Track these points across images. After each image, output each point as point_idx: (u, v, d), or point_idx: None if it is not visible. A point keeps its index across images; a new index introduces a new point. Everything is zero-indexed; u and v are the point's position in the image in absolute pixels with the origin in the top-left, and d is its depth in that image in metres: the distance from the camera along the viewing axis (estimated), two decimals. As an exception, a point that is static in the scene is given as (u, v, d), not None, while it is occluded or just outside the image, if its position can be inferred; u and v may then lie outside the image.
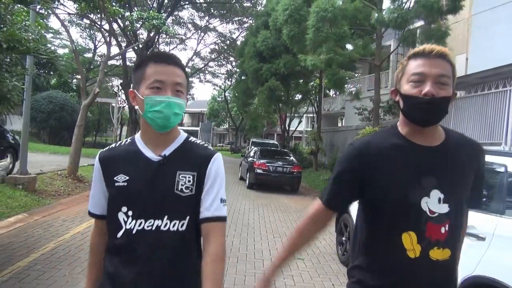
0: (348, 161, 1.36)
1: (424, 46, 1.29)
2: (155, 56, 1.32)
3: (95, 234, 1.41)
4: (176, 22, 31.77)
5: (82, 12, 11.04)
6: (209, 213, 1.28)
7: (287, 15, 11.43)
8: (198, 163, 1.31)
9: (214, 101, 52.17)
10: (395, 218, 1.28)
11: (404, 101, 1.29)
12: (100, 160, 1.35)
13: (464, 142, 1.37)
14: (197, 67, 38.66)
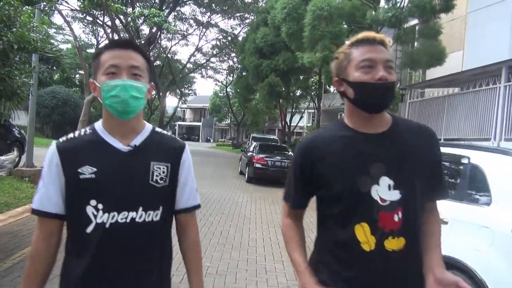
0: (299, 158, 1.36)
1: (365, 34, 1.29)
2: (110, 43, 1.30)
3: (41, 237, 1.26)
4: (178, 17, 31.97)
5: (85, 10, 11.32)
6: (188, 204, 1.34)
7: (286, 14, 11.70)
8: (171, 154, 1.31)
9: (216, 97, 52.38)
10: (346, 209, 1.26)
11: (356, 89, 1.26)
12: (58, 151, 1.24)
13: (413, 128, 1.35)
14: (199, 62, 38.86)
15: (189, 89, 45.19)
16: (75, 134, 1.30)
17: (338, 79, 1.32)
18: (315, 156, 1.31)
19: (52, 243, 1.26)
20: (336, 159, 1.28)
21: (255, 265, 4.51)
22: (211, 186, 10.89)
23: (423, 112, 11.62)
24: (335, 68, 1.34)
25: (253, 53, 18.15)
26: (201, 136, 64.12)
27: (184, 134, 66.89)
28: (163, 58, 32.95)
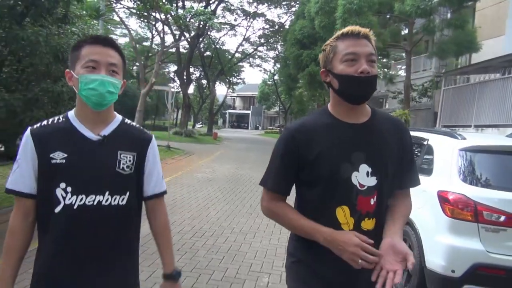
0: (284, 144, 1.40)
1: (350, 28, 1.34)
2: (90, 38, 1.37)
3: (17, 215, 1.34)
4: (226, 8, 33.09)
5: (140, 12, 12.77)
6: (155, 191, 1.45)
7: (318, 7, 12.34)
8: (137, 144, 1.41)
9: (264, 85, 53.24)
10: (329, 194, 1.33)
11: (340, 80, 1.32)
12: (32, 136, 1.33)
13: (388, 120, 1.45)
14: (246, 52, 39.87)
15: (238, 78, 46.45)
16: (49, 121, 1.38)
17: (324, 70, 1.38)
18: (301, 142, 1.35)
19: (29, 221, 1.34)
20: (321, 146, 1.34)
21: (273, 228, 5.51)
22: (250, 170, 11.96)
23: (456, 99, 11.83)
24: (322, 60, 1.41)
25: (294, 43, 18.85)
26: (250, 123, 65.54)
27: (234, 122, 68.79)
28: (212, 49, 34.34)
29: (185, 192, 7.87)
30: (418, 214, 3.39)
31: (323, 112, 1.43)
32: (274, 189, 1.43)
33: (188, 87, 29.79)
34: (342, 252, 1.25)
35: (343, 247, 1.25)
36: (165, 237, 1.50)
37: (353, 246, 1.23)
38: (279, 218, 1.44)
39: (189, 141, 22.68)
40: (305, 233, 1.36)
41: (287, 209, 1.42)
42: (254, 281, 3.66)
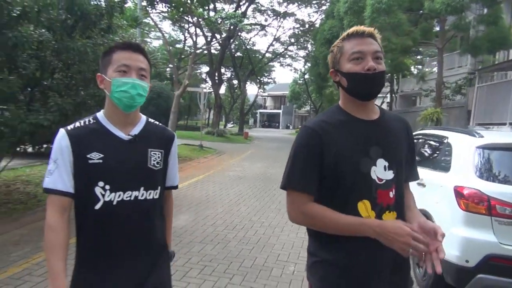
0: (307, 140, 1.40)
1: (355, 28, 1.39)
2: (121, 44, 1.45)
3: (55, 212, 1.38)
4: (257, 9, 33.47)
5: (173, 17, 13.35)
6: (174, 183, 1.62)
7: (347, 7, 12.42)
8: (164, 142, 1.54)
9: (295, 84, 53.23)
10: (350, 189, 1.35)
11: (348, 78, 1.37)
12: (69, 137, 1.39)
13: (395, 118, 1.52)
14: (277, 52, 40.10)
15: (269, 78, 46.76)
16: (81, 123, 1.45)
17: (333, 70, 1.44)
18: (321, 139, 1.37)
19: (65, 217, 1.38)
20: (341, 143, 1.36)
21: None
22: (280, 168, 12.23)
23: (491, 96, 11.57)
24: (330, 61, 1.46)
25: (323, 43, 18.93)
26: (281, 123, 65.64)
27: (265, 121, 69.11)
28: (243, 49, 34.84)
29: (217, 189, 8.27)
30: (436, 208, 3.58)
31: (337, 110, 1.46)
32: (304, 189, 1.39)
33: (219, 87, 30.40)
34: (393, 242, 1.25)
35: (393, 237, 1.25)
36: (170, 222, 1.69)
37: (404, 236, 1.23)
38: (316, 220, 1.38)
39: (221, 140, 23.22)
40: (350, 230, 1.33)
41: (324, 208, 1.37)
42: (281, 269, 3.96)
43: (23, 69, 4.93)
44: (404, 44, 11.15)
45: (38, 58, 5.17)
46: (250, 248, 4.57)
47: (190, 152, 14.72)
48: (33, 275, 3.46)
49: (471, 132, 3.78)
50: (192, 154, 14.23)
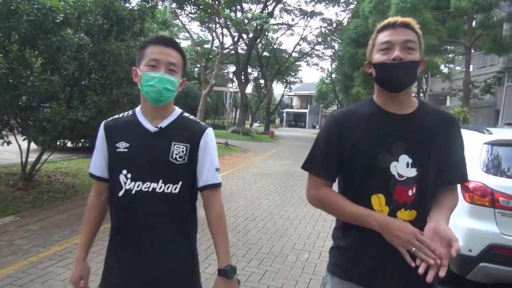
0: (329, 127, 1.44)
1: (389, 19, 1.38)
2: (154, 39, 1.49)
3: (93, 193, 1.55)
4: (283, 9, 33.65)
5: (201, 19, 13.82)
6: (207, 182, 1.48)
7: (372, 7, 12.47)
8: (191, 136, 1.48)
9: (322, 83, 52.98)
10: (365, 181, 1.36)
11: (376, 69, 1.37)
12: (104, 128, 1.51)
13: (436, 114, 1.43)
14: (304, 51, 40.13)
15: (295, 77, 46.81)
16: (120, 115, 1.55)
17: (367, 62, 1.44)
18: (344, 126, 1.40)
19: (102, 199, 1.55)
20: (361, 134, 1.37)
21: (318, 216, 6.02)
22: (303, 165, 12.46)
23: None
24: (367, 53, 1.46)
25: (349, 42, 18.94)
26: (308, 122, 65.46)
27: (291, 121, 69.09)
28: (270, 49, 35.10)
29: (241, 184, 8.62)
30: None
31: (368, 102, 1.46)
32: (320, 174, 1.44)
33: (245, 87, 30.82)
34: (395, 238, 1.25)
35: (396, 233, 1.25)
36: (218, 227, 1.50)
37: (408, 234, 1.23)
38: (327, 205, 1.44)
39: (246, 139, 23.60)
40: (356, 219, 1.36)
41: (336, 195, 1.42)
42: (296, 256, 4.24)
43: (64, 70, 5.44)
44: (429, 43, 11.08)
45: (77, 60, 5.68)
46: (268, 237, 4.87)
47: (216, 149, 15.13)
48: (73, 253, 3.89)
49: (480, 129, 3.92)
50: (218, 152, 14.56)
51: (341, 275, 1.45)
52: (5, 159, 8.02)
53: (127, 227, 1.45)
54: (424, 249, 1.20)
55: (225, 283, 1.43)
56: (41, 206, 5.47)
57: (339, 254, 1.48)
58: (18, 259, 3.70)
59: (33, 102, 5.59)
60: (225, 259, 1.45)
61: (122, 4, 5.68)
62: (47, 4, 4.71)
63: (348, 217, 1.39)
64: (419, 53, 1.34)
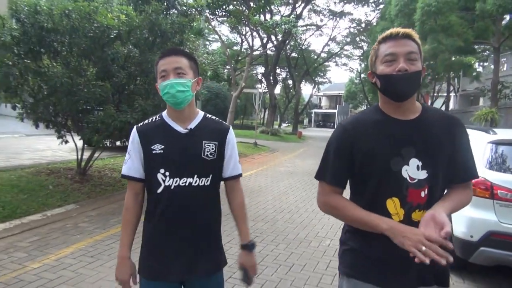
0: (338, 137, 1.49)
1: (391, 30, 1.42)
2: (162, 53, 1.66)
3: (130, 195, 1.68)
4: (312, 9, 33.89)
5: (232, 25, 14.48)
6: (233, 173, 1.72)
7: (398, 10, 12.72)
8: (218, 135, 1.68)
9: (351, 84, 52.69)
10: (380, 186, 1.41)
11: (381, 80, 1.41)
12: (138, 132, 1.65)
13: (440, 117, 1.48)
14: (332, 51, 40.16)
15: (324, 78, 46.84)
16: (149, 121, 1.70)
17: (370, 72, 1.48)
18: (354, 137, 1.44)
19: (138, 200, 1.69)
20: (372, 141, 1.42)
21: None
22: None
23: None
24: (369, 63, 1.50)
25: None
26: (336, 123, 65.06)
27: (320, 121, 68.95)
28: (298, 50, 35.44)
29: (269, 181, 9.21)
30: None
31: (375, 110, 1.51)
32: (331, 182, 1.49)
33: (274, 88, 31.36)
34: (406, 240, 1.27)
35: (407, 235, 1.27)
36: (242, 212, 1.76)
37: (418, 234, 1.26)
38: (337, 212, 1.49)
39: (275, 139, 24.17)
40: (366, 224, 1.40)
41: (346, 201, 1.48)
42: (319, 242, 4.79)
43: (115, 78, 6.21)
44: (455, 45, 11.26)
45: (125, 69, 6.44)
46: (294, 226, 5.43)
47: (245, 149, 15.79)
48: (128, 235, 4.61)
49: (487, 130, 4.33)
50: (247, 151, 15.30)
51: (358, 277, 1.48)
52: (60, 156, 8.98)
53: (167, 219, 1.62)
54: (433, 247, 1.23)
55: (247, 254, 1.74)
56: (95, 196, 6.28)
57: (354, 256, 1.51)
58: (85, 237, 4.46)
59: (88, 106, 6.40)
60: (247, 237, 1.75)
61: (164, 19, 6.40)
62: (104, 23, 5.47)
63: (358, 222, 1.44)
64: (420, 62, 1.40)
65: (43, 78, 5.85)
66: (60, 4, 5.57)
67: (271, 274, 3.73)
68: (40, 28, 5.51)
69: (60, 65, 5.95)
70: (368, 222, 1.39)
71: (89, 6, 5.56)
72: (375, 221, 1.37)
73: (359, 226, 1.44)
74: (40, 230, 4.62)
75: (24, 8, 5.50)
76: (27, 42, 5.63)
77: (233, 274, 3.49)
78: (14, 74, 5.94)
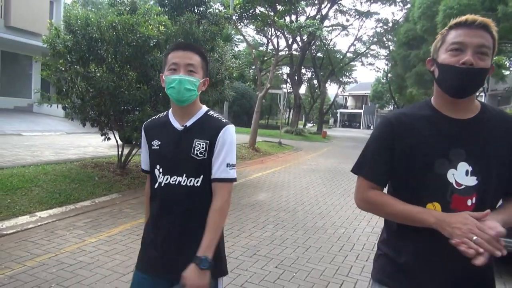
0: (381, 130, 1.38)
1: (467, 16, 1.25)
2: (174, 45, 1.63)
3: (148, 184, 1.73)
4: (338, 10, 34.03)
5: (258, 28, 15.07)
6: (216, 175, 1.58)
7: (421, 12, 12.93)
8: (210, 133, 1.59)
9: (378, 83, 52.30)
10: (421, 189, 1.29)
11: (440, 69, 1.27)
12: (144, 128, 1.72)
13: (502, 118, 1.32)
14: (358, 51, 40.10)
15: (350, 77, 46.77)
16: (156, 117, 1.75)
17: (431, 58, 1.34)
18: (398, 130, 1.32)
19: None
20: (417, 138, 1.30)
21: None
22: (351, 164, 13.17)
23: None
24: (432, 48, 1.36)
25: (401, 45, 19.23)
26: (362, 122, 64.71)
27: (346, 121, 68.64)
28: (324, 50, 35.66)
29: (291, 177, 9.76)
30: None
31: (425, 104, 1.37)
32: (368, 177, 1.39)
33: (299, 88, 31.80)
34: (456, 230, 1.16)
35: (457, 225, 1.16)
36: (213, 219, 1.55)
37: (469, 223, 1.15)
38: (378, 207, 1.37)
39: (299, 139, 24.61)
40: (409, 218, 1.28)
41: (386, 196, 1.37)
42: (334, 230, 5.32)
43: (153, 82, 6.93)
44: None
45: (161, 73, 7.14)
46: (313, 216, 5.98)
47: (269, 148, 16.38)
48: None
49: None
50: (271, 150, 15.87)
51: (388, 283, 1.40)
52: (101, 152, 9.84)
53: (159, 216, 1.62)
54: (486, 236, 1.11)
55: (194, 272, 1.46)
56: (134, 188, 7.03)
57: (385, 263, 1.43)
58: (130, 220, 5.18)
59: (128, 106, 7.15)
60: (205, 250, 1.49)
61: (197, 28, 7.07)
62: (146, 33, 6.19)
63: (400, 216, 1.31)
64: (490, 59, 1.25)
65: (90, 82, 6.63)
66: (108, 17, 6.33)
67: (290, 253, 4.29)
68: (90, 38, 6.29)
69: (105, 71, 6.72)
70: (412, 214, 1.27)
71: (132, 18, 6.29)
72: (421, 215, 1.25)
73: (403, 220, 1.31)
74: (91, 214, 5.37)
75: (78, 21, 6.29)
76: (78, 51, 6.43)
77: (234, 278, 4.07)
78: (66, 79, 6.79)
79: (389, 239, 1.43)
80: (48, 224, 4.77)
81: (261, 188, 7.98)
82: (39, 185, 5.87)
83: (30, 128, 13.77)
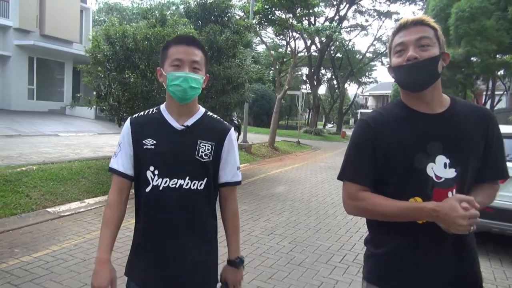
0: (360, 132, 1.41)
1: (402, 20, 1.35)
2: (176, 39, 1.51)
3: (114, 191, 1.52)
4: (357, 10, 34.25)
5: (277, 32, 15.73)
6: (229, 179, 1.55)
7: (434, 14, 13.31)
8: (216, 135, 1.53)
9: (398, 83, 51.93)
10: (402, 184, 1.32)
11: (394, 72, 1.35)
12: (131, 123, 1.53)
13: (471, 110, 1.37)
14: (378, 51, 40.11)
15: (370, 77, 46.74)
16: (145, 112, 1.58)
17: (389, 66, 1.41)
18: (376, 130, 1.36)
19: (122, 197, 1.53)
20: (395, 136, 1.33)
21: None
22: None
23: None
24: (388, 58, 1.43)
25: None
26: (383, 123, 64.24)
27: (366, 121, 68.34)
28: (343, 51, 35.93)
29: (308, 173, 10.41)
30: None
31: (398, 104, 1.41)
32: (355, 180, 1.38)
33: (317, 89, 32.20)
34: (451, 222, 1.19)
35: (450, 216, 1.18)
36: (234, 223, 1.60)
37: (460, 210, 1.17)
38: (369, 208, 1.35)
39: (318, 139, 25.14)
40: (403, 214, 1.29)
41: (376, 195, 1.35)
42: (344, 216, 5.96)
43: (181, 86, 7.72)
44: (488, 49, 11.72)
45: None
46: (325, 205, 6.64)
47: (288, 147, 17.03)
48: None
49: None
50: (290, 149, 16.53)
51: (377, 282, 1.42)
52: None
53: (154, 222, 1.49)
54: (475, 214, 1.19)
55: (233, 272, 1.58)
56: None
57: (373, 262, 1.45)
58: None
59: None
60: (236, 252, 1.59)
61: (220, 37, 7.83)
62: (175, 43, 6.99)
63: (394, 215, 1.31)
64: (437, 48, 1.31)
65: (126, 87, 7.48)
66: (142, 30, 7.16)
67: (302, 234, 4.98)
68: (126, 49, 7.14)
69: (138, 77, 7.56)
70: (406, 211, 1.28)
71: (164, 30, 7.10)
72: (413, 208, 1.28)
73: (396, 218, 1.32)
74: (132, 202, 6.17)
75: (117, 33, 7.14)
76: (116, 59, 7.29)
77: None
78: (104, 84, 7.66)
79: (372, 238, 1.48)
80: (96, 209, 5.61)
81: (279, 182, 8.68)
82: (85, 177, 6.74)
83: (66, 129, 14.89)
